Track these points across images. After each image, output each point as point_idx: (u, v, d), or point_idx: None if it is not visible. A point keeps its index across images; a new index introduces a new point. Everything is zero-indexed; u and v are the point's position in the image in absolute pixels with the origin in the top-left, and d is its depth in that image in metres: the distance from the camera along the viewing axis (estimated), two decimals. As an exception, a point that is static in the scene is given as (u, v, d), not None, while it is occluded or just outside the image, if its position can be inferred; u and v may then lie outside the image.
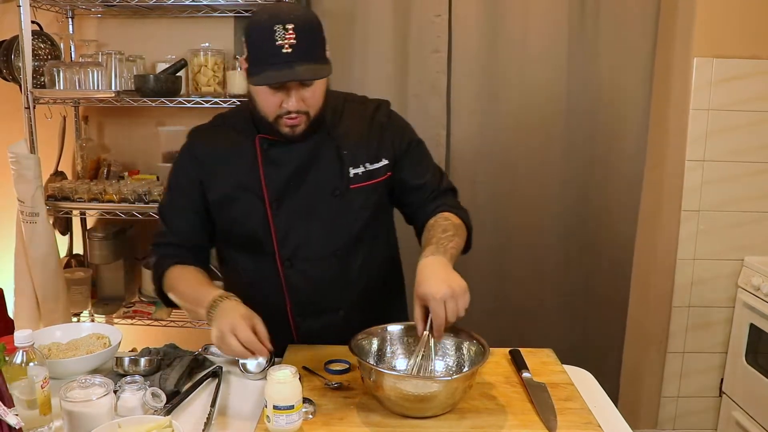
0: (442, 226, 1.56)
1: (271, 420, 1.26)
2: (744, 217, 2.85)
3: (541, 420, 1.32)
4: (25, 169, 2.38)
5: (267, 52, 1.40)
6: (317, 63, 1.44)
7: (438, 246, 1.47)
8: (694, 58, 2.73)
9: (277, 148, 1.58)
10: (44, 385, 1.30)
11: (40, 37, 2.63)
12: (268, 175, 1.58)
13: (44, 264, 2.44)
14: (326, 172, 1.59)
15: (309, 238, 1.60)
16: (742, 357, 2.80)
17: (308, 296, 1.64)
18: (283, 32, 1.38)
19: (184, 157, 1.67)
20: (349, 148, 1.60)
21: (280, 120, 1.50)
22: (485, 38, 2.62)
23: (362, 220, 1.62)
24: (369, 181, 1.62)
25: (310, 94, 1.48)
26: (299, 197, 1.58)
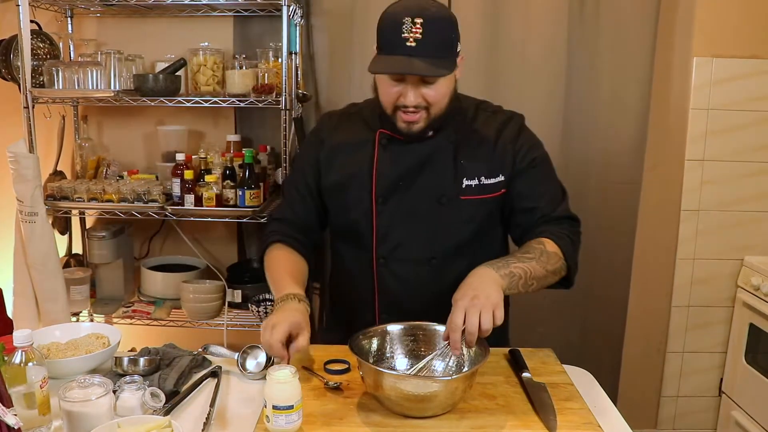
0: (527, 248, 1.51)
1: (270, 420, 1.26)
2: (744, 217, 2.85)
3: (541, 420, 1.32)
4: (24, 169, 2.38)
5: (392, 43, 1.41)
6: (439, 60, 1.43)
7: (500, 261, 1.43)
8: (693, 58, 2.73)
9: (395, 145, 1.58)
10: (43, 385, 1.29)
11: (39, 36, 2.62)
12: (380, 170, 1.59)
13: (43, 264, 2.44)
14: (438, 177, 1.58)
15: (407, 240, 1.59)
16: (741, 357, 2.80)
17: (397, 298, 1.63)
18: (411, 25, 1.39)
19: (310, 139, 1.74)
20: (468, 158, 1.58)
21: (398, 113, 1.50)
22: (485, 38, 2.62)
23: (465, 232, 1.60)
24: (481, 195, 1.59)
25: (431, 92, 1.47)
26: (406, 198, 1.58)
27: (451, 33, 1.47)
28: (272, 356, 1.53)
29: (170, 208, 2.45)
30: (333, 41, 2.65)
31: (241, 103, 2.46)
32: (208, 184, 2.42)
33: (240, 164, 2.48)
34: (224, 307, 2.63)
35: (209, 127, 2.83)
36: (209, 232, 2.89)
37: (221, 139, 2.74)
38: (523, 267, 1.44)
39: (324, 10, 2.62)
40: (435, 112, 1.51)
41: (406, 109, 1.48)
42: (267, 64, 2.53)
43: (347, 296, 1.72)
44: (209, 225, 2.84)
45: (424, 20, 1.39)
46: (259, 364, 1.56)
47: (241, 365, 1.57)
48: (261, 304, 2.56)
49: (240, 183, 2.42)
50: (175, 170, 2.46)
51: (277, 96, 2.43)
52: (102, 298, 2.74)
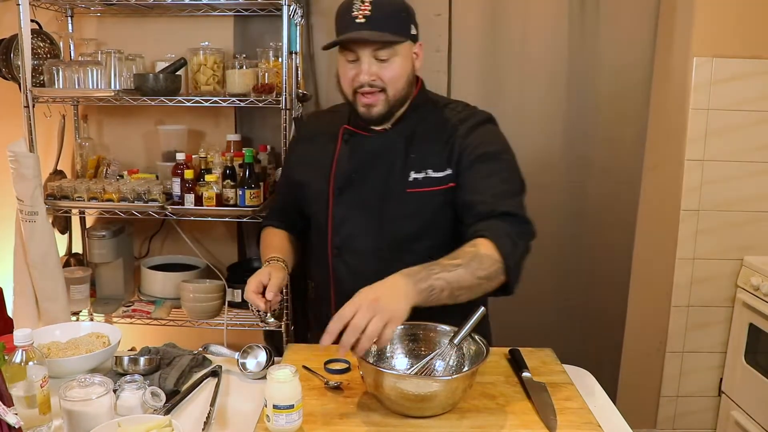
0: (458, 252, 1.41)
1: (270, 419, 1.26)
2: (743, 217, 2.85)
3: (541, 419, 1.32)
4: (24, 168, 2.38)
5: (343, 23, 1.50)
6: (389, 33, 1.48)
7: (424, 271, 1.33)
8: (693, 58, 2.73)
9: (355, 139, 1.64)
10: (44, 384, 1.30)
11: (39, 35, 2.62)
12: (338, 164, 1.64)
13: (43, 263, 2.44)
14: (387, 171, 1.60)
15: (358, 232, 1.63)
16: (741, 357, 2.80)
17: (350, 289, 1.61)
18: (360, 4, 1.47)
19: (294, 135, 1.88)
20: (418, 152, 1.60)
21: (357, 97, 1.54)
22: (485, 37, 2.62)
23: (412, 225, 1.60)
24: (428, 187, 1.58)
25: (385, 70, 1.51)
26: (360, 191, 1.62)
27: (402, 12, 1.53)
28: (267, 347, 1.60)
29: (170, 208, 2.45)
30: (332, 41, 2.65)
31: (242, 102, 2.46)
32: (208, 184, 2.42)
33: (240, 164, 2.47)
34: (224, 307, 2.63)
35: (209, 127, 2.83)
36: (209, 232, 2.89)
37: (221, 139, 2.74)
38: (447, 277, 1.34)
39: (324, 10, 2.62)
40: (392, 94, 1.54)
41: (362, 90, 1.52)
42: (267, 63, 2.53)
43: (316, 291, 1.83)
44: (209, 224, 2.84)
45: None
46: (259, 363, 1.57)
47: (241, 365, 1.57)
48: (261, 304, 2.56)
49: (240, 182, 2.42)
50: (175, 170, 2.46)
51: (277, 95, 2.43)
52: (102, 297, 2.74)
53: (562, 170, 2.71)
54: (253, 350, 1.59)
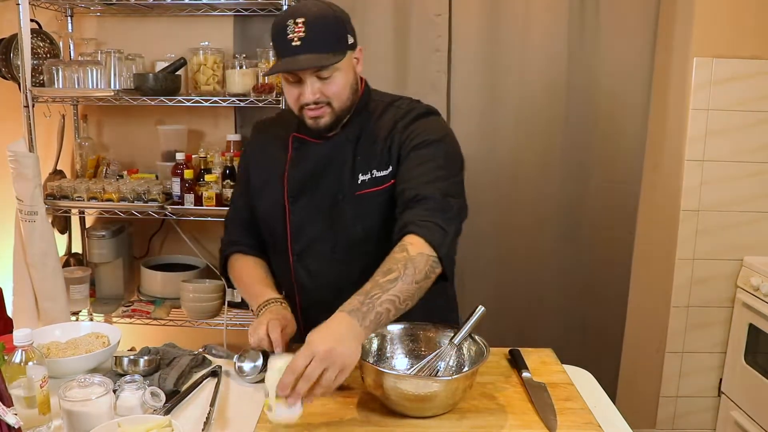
0: (390, 263, 1.36)
1: (272, 409, 1.24)
2: (743, 217, 2.85)
3: (541, 420, 1.31)
4: (24, 168, 2.38)
5: (280, 46, 1.48)
6: (325, 54, 1.46)
7: (364, 305, 1.29)
8: (693, 58, 2.73)
9: (306, 146, 1.63)
10: (43, 385, 1.29)
11: (39, 35, 2.62)
12: (291, 171, 1.63)
13: (43, 263, 2.44)
14: (338, 175, 1.59)
15: (315, 237, 1.62)
16: (741, 357, 2.80)
17: (314, 294, 1.66)
18: (293, 26, 1.44)
19: (245, 146, 1.82)
20: (364, 154, 1.59)
21: (304, 112, 1.54)
22: (486, 37, 2.62)
23: (363, 226, 1.59)
24: (374, 188, 1.57)
25: (328, 86, 1.50)
26: (313, 197, 1.61)
27: (336, 26, 1.49)
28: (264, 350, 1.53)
29: (170, 208, 2.45)
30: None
31: (241, 102, 2.46)
32: (208, 184, 2.42)
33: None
34: (224, 307, 2.63)
35: (209, 127, 2.82)
36: (209, 232, 2.88)
37: (221, 139, 2.74)
38: (389, 298, 1.31)
39: (324, 10, 2.62)
40: (338, 106, 1.53)
41: (308, 107, 1.52)
42: (267, 63, 2.53)
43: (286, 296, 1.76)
44: (209, 224, 2.83)
45: (306, 19, 1.44)
46: (256, 366, 1.55)
47: (238, 367, 1.55)
48: (261, 304, 2.56)
49: (240, 182, 2.42)
50: (174, 169, 2.46)
51: (277, 95, 2.43)
52: (102, 297, 2.74)
53: (562, 170, 2.71)
54: (249, 353, 1.58)
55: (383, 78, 2.62)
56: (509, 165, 2.71)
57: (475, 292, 1.79)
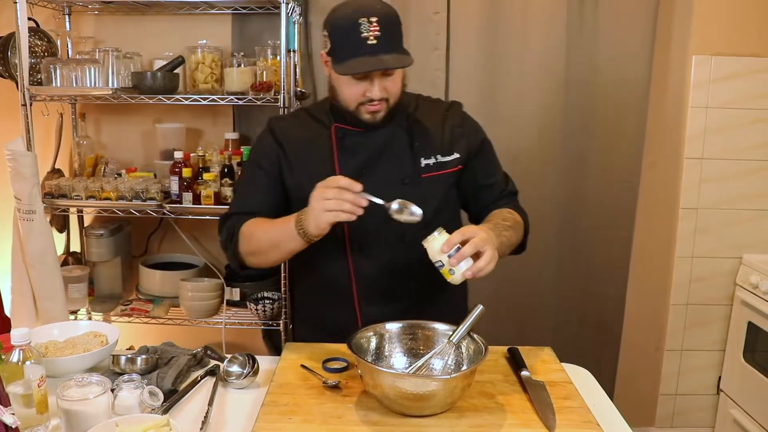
0: (503, 215, 1.65)
1: (455, 271, 1.39)
2: (742, 215, 2.85)
3: (540, 418, 1.32)
4: (22, 167, 2.37)
5: (353, 44, 1.49)
6: (400, 53, 1.53)
7: (494, 226, 1.55)
8: (692, 56, 2.73)
9: (352, 137, 1.66)
10: (41, 384, 1.29)
11: (36, 34, 2.62)
12: (342, 162, 1.66)
13: (41, 262, 2.43)
14: (398, 161, 1.66)
15: (377, 224, 1.61)
16: (740, 355, 2.80)
17: (373, 282, 1.69)
18: (368, 25, 1.48)
19: (265, 140, 1.75)
20: (421, 140, 1.68)
21: (362, 107, 1.59)
22: (484, 36, 2.62)
23: (431, 209, 1.64)
24: (440, 171, 1.68)
25: (391, 83, 1.57)
26: (371, 184, 1.59)
27: (400, 27, 1.56)
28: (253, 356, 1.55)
29: (168, 206, 2.44)
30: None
31: (240, 101, 2.45)
32: (207, 182, 2.42)
33: (238, 162, 2.47)
34: (223, 306, 2.63)
35: (207, 125, 2.82)
36: (207, 230, 2.88)
37: (219, 137, 2.73)
38: (506, 236, 1.58)
39: (323, 8, 2.61)
40: (393, 101, 1.61)
41: (371, 103, 1.58)
42: (265, 61, 2.53)
43: (320, 295, 1.75)
44: (207, 223, 2.83)
45: (379, 18, 1.49)
46: (243, 372, 1.54)
47: (225, 373, 1.55)
48: (259, 303, 2.56)
49: (238, 181, 2.42)
50: (173, 168, 2.45)
51: (275, 94, 2.42)
52: (100, 296, 2.73)
53: (561, 168, 2.71)
54: (237, 359, 1.57)
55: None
56: (507, 163, 2.64)
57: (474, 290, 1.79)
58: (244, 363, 1.55)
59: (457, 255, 1.38)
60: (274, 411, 1.33)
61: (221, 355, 1.62)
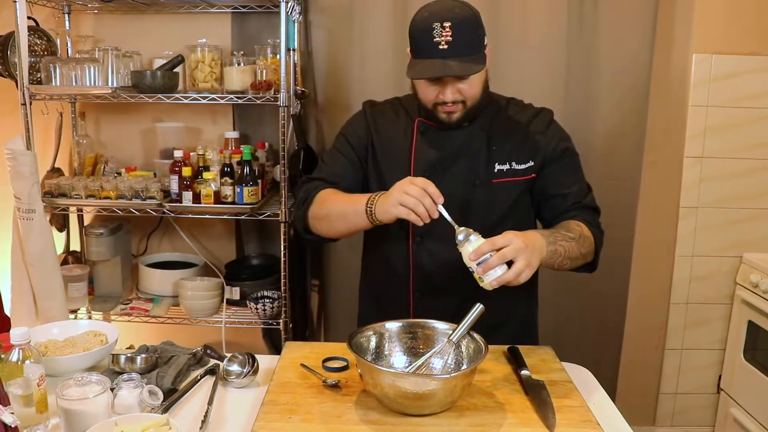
0: (569, 226, 1.62)
1: (487, 277, 1.38)
2: (742, 214, 2.85)
3: (540, 418, 1.31)
4: (21, 166, 2.37)
5: (425, 48, 1.52)
6: (471, 58, 1.53)
7: (550, 235, 1.53)
8: (692, 55, 2.73)
9: (433, 132, 1.70)
10: (40, 383, 1.29)
11: (36, 33, 2.61)
12: (418, 155, 1.70)
13: (41, 261, 2.43)
14: (472, 162, 1.69)
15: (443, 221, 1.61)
16: (740, 354, 2.80)
17: (432, 276, 1.71)
18: (441, 30, 1.50)
19: (360, 118, 1.82)
20: (499, 145, 1.69)
21: (438, 107, 1.62)
22: (484, 34, 2.61)
23: (498, 214, 1.68)
24: (512, 177, 1.69)
25: (466, 86, 1.59)
26: (443, 181, 1.62)
27: (477, 30, 1.56)
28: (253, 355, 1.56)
29: (168, 205, 2.44)
30: (331, 38, 2.64)
31: (239, 99, 2.45)
32: (206, 181, 2.42)
33: (238, 161, 2.47)
34: (222, 305, 2.63)
35: (207, 124, 2.82)
36: (207, 229, 2.88)
37: (219, 136, 2.73)
38: (565, 246, 1.54)
39: (322, 7, 2.62)
40: (470, 104, 1.63)
41: (445, 105, 1.61)
42: (265, 60, 2.52)
43: (383, 280, 1.81)
44: (207, 222, 2.83)
45: (452, 23, 1.49)
46: (243, 371, 1.54)
47: (225, 372, 1.55)
48: (259, 302, 2.56)
49: (238, 180, 2.42)
50: (173, 167, 2.45)
51: (275, 93, 2.42)
52: (100, 295, 2.73)
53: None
54: (237, 358, 1.57)
55: (382, 76, 2.61)
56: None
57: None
58: (244, 362, 1.55)
59: (483, 265, 1.37)
60: (274, 410, 1.33)
61: (221, 354, 1.62)
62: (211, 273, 2.72)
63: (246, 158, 2.40)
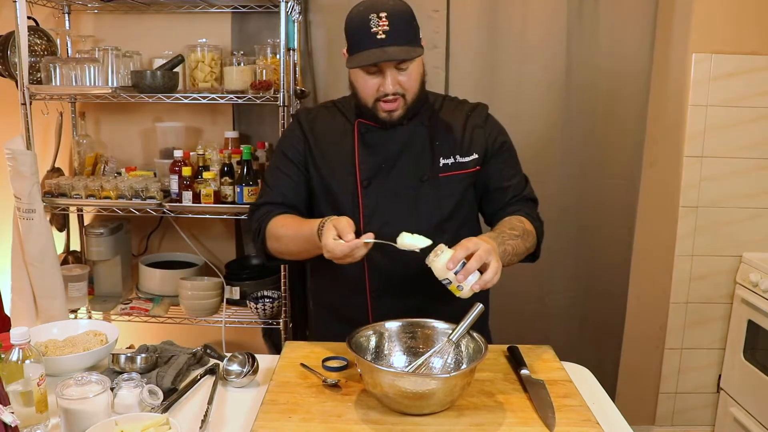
0: (512, 224, 1.63)
1: (463, 287, 1.37)
2: (742, 214, 2.85)
3: (540, 417, 1.31)
4: (21, 166, 2.37)
5: (362, 39, 1.54)
6: (409, 46, 1.54)
7: (497, 236, 1.55)
8: (692, 54, 2.73)
9: (373, 133, 1.69)
10: (40, 383, 1.29)
11: (36, 32, 2.61)
12: (362, 157, 1.69)
13: (41, 260, 2.43)
14: (417, 158, 1.69)
15: (393, 219, 1.65)
16: (740, 353, 2.80)
17: (387, 277, 1.69)
18: (377, 20, 1.52)
19: (292, 129, 1.80)
20: (441, 139, 1.70)
21: (378, 104, 1.61)
22: (484, 34, 2.62)
23: (447, 208, 1.69)
24: (458, 171, 1.70)
25: (405, 77, 1.59)
26: (389, 180, 1.66)
27: (413, 21, 1.59)
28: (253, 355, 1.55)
29: (168, 205, 2.44)
30: (331, 37, 2.64)
31: (239, 99, 2.45)
32: (206, 181, 2.42)
33: (238, 161, 2.47)
34: (222, 304, 2.63)
35: (207, 124, 2.82)
36: (207, 229, 2.88)
37: (219, 136, 2.73)
38: (512, 244, 1.57)
39: (322, 6, 2.62)
40: (410, 98, 1.62)
41: (386, 98, 1.60)
42: (265, 60, 2.52)
43: (335, 284, 1.78)
44: (207, 222, 2.83)
45: (388, 13, 1.52)
46: (243, 371, 1.54)
47: (225, 372, 1.55)
48: (259, 301, 2.56)
49: (238, 180, 2.42)
50: (173, 167, 2.45)
51: (275, 92, 2.42)
52: (100, 295, 2.74)
53: (561, 167, 2.70)
54: (237, 358, 1.57)
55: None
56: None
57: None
58: (244, 362, 1.55)
59: (463, 271, 1.37)
60: (274, 410, 1.33)
61: (221, 354, 1.62)
62: (211, 273, 2.72)
63: (246, 158, 2.40)
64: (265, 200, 1.75)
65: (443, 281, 1.41)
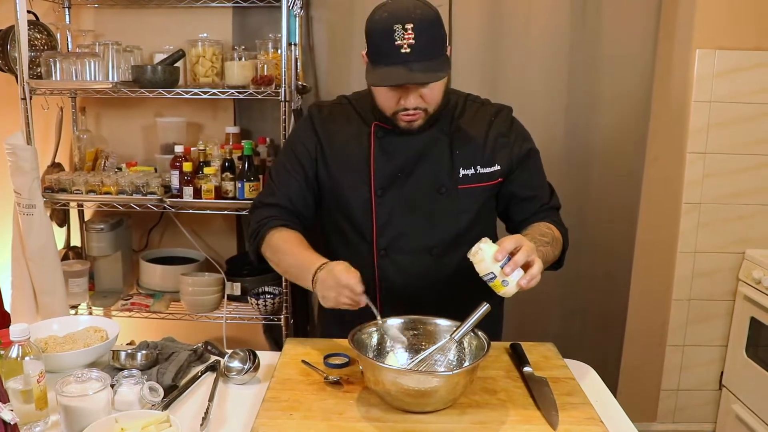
0: (541, 230, 1.57)
1: (509, 282, 1.32)
2: (745, 210, 2.84)
3: (543, 415, 1.31)
4: (22, 161, 2.37)
5: (386, 51, 1.43)
6: (435, 62, 1.44)
7: (531, 239, 1.45)
8: (695, 50, 2.72)
9: (391, 137, 1.60)
10: (40, 380, 1.29)
11: (36, 27, 2.60)
12: (378, 163, 1.60)
13: (41, 256, 2.43)
14: (436, 168, 1.60)
15: (408, 231, 1.60)
16: (742, 350, 2.80)
17: (398, 289, 1.64)
18: (402, 32, 1.40)
19: (304, 127, 1.70)
20: (462, 148, 1.61)
21: (398, 115, 1.53)
22: (486, 30, 2.60)
23: (465, 221, 1.62)
24: (478, 183, 1.62)
25: (428, 92, 1.49)
26: (405, 189, 1.59)
27: (440, 30, 1.47)
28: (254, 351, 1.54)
29: (169, 201, 2.44)
30: (332, 32, 2.63)
31: (240, 94, 2.44)
32: (207, 177, 2.41)
33: (239, 156, 2.46)
34: (223, 300, 2.62)
35: (208, 119, 2.81)
36: (208, 225, 2.88)
37: (220, 131, 2.72)
38: (543, 251, 1.49)
39: (323, 1, 2.60)
40: (433, 110, 1.55)
41: (406, 112, 1.51)
42: (266, 55, 2.51)
43: None
44: (208, 217, 2.83)
45: (415, 24, 1.40)
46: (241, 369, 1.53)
47: (225, 369, 1.54)
48: (260, 297, 2.55)
49: (239, 175, 2.41)
50: (173, 162, 2.44)
51: (276, 87, 2.41)
52: (101, 290, 2.73)
53: (564, 163, 2.69)
54: (238, 355, 1.57)
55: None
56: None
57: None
58: (245, 358, 1.54)
59: (510, 263, 1.31)
60: (275, 407, 1.32)
61: (222, 351, 1.61)
62: (212, 268, 2.72)
63: (247, 153, 2.39)
64: (270, 201, 1.68)
65: (485, 277, 1.34)
